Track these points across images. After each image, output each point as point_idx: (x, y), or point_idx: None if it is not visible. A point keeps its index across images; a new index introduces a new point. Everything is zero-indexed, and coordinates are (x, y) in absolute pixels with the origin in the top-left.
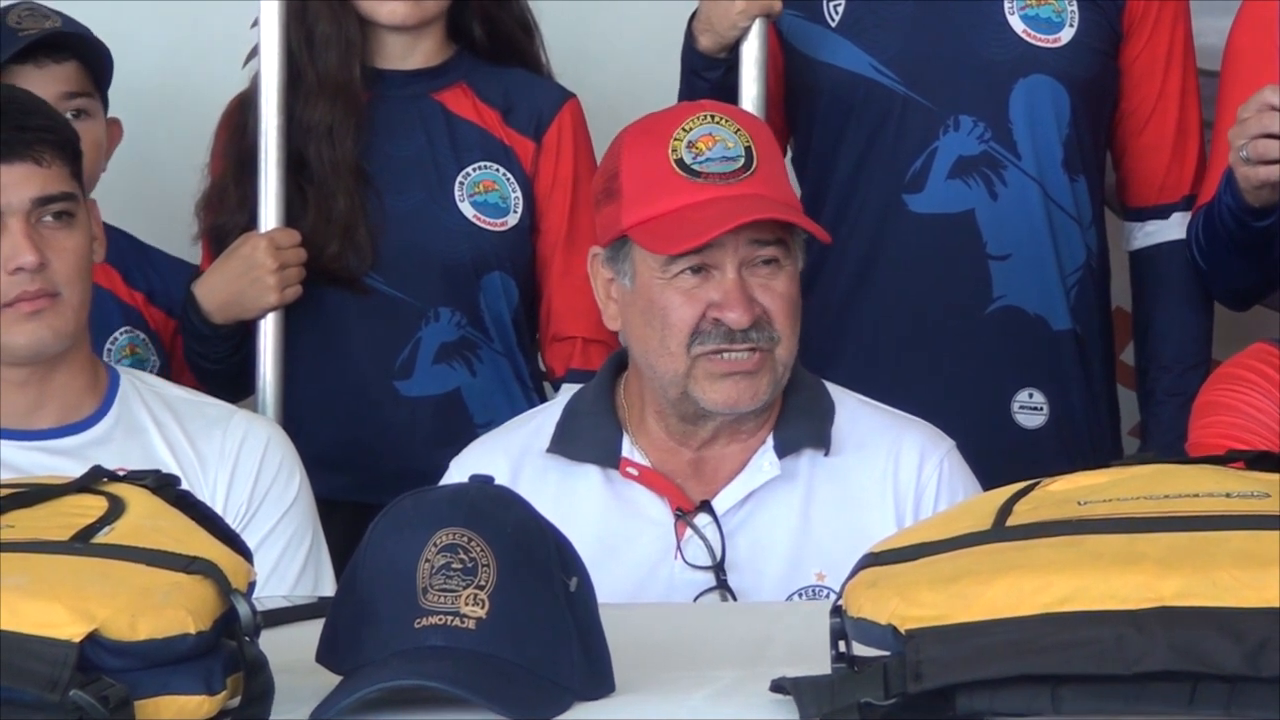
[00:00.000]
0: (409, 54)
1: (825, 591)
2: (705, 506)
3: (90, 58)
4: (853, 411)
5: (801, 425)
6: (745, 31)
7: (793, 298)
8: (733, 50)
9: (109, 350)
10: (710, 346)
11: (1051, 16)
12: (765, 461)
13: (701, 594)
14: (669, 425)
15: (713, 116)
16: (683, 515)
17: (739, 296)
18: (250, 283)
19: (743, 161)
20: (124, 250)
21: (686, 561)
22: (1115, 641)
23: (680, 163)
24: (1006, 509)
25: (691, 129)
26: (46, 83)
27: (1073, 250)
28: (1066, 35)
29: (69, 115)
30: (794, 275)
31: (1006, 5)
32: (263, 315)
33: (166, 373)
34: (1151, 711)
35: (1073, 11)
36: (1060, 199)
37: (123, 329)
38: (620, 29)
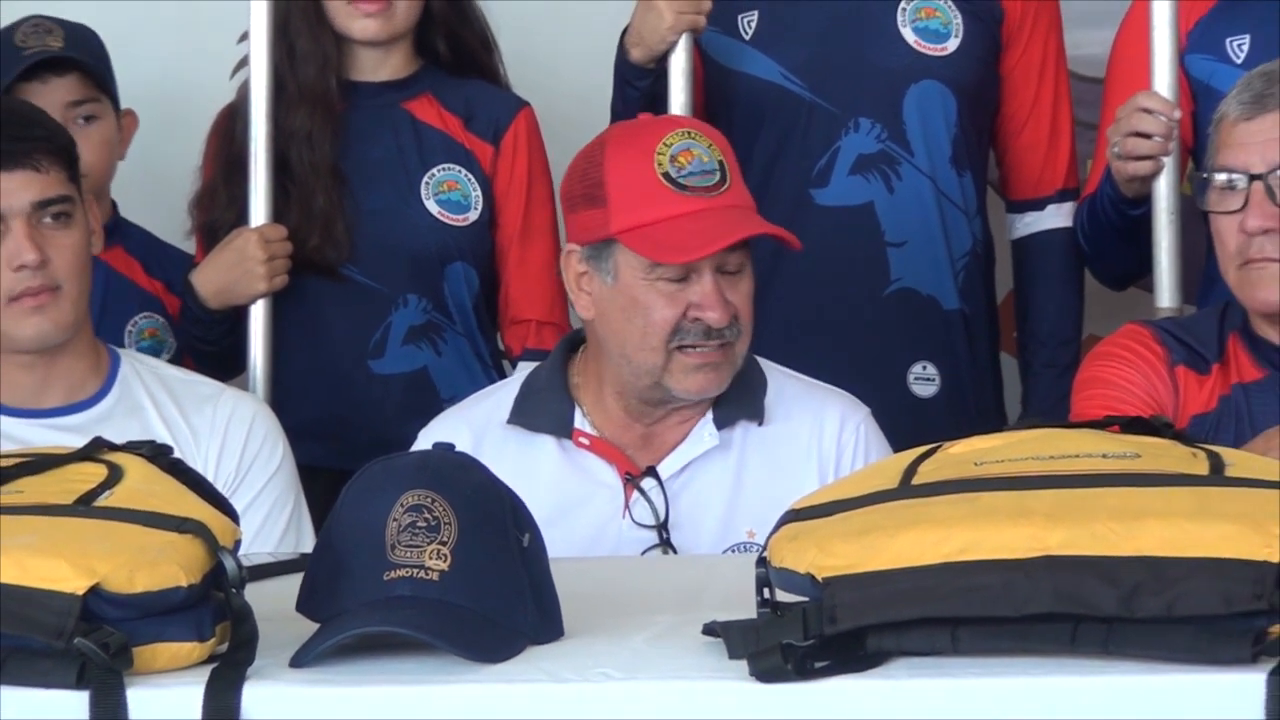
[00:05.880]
0: (380, 67)
1: (755, 547)
2: (651, 472)
3: (90, 67)
4: (780, 384)
5: (739, 400)
6: (673, 45)
7: (752, 296)
8: (661, 61)
9: (129, 333)
10: (688, 342)
11: (939, 28)
12: (705, 433)
13: (647, 550)
14: (628, 405)
15: (689, 133)
16: (631, 479)
17: (718, 299)
18: (242, 273)
19: (719, 176)
20: (144, 244)
21: (634, 521)
22: (1005, 587)
23: (666, 175)
24: (912, 469)
25: (672, 144)
26: (51, 96)
27: (960, 238)
28: (953, 45)
29: (79, 121)
30: (752, 275)
31: (899, 18)
32: (253, 301)
33: (180, 355)
34: (1038, 650)
35: (958, 24)
36: (949, 192)
37: (143, 314)
38: (568, 40)
